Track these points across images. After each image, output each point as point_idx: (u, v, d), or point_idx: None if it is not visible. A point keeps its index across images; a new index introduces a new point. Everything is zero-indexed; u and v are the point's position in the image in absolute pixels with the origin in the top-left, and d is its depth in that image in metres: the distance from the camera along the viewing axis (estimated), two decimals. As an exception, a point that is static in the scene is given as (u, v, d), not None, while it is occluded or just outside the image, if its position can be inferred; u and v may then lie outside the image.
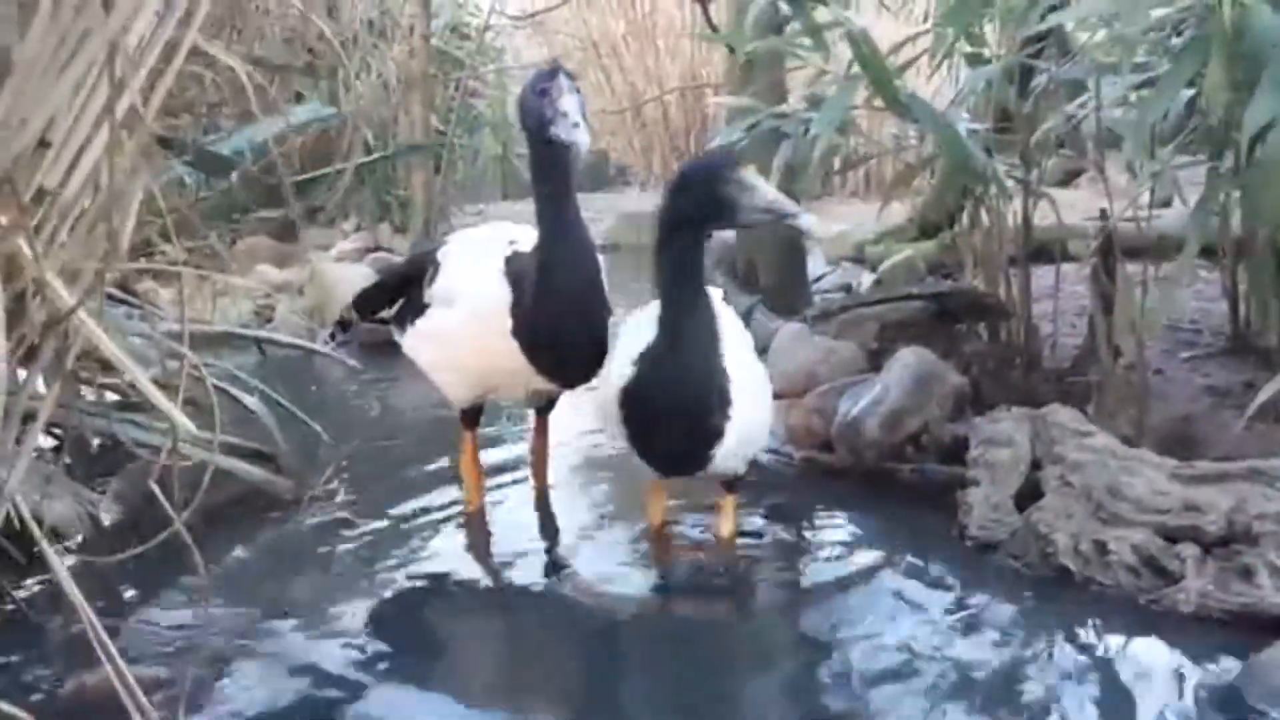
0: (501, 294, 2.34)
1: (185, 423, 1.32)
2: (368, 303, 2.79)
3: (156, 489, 1.58)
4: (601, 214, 8.18)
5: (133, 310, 3.08)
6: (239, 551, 2.46)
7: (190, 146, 2.72)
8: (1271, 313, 2.65)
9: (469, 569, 2.39)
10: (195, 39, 1.33)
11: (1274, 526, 2.02)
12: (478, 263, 2.43)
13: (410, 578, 2.32)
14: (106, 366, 2.31)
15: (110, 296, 2.08)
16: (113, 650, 1.41)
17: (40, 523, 1.70)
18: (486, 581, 2.35)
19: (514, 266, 2.38)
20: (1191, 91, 2.51)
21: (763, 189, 2.00)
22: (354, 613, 2.17)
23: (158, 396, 1.31)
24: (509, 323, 2.33)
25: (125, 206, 1.29)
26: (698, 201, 2.02)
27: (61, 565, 1.45)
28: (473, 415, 2.63)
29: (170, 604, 2.20)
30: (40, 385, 1.55)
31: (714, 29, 4.44)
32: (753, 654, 2.05)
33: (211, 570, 1.98)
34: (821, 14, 2.93)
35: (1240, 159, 2.21)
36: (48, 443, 2.57)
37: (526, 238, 2.43)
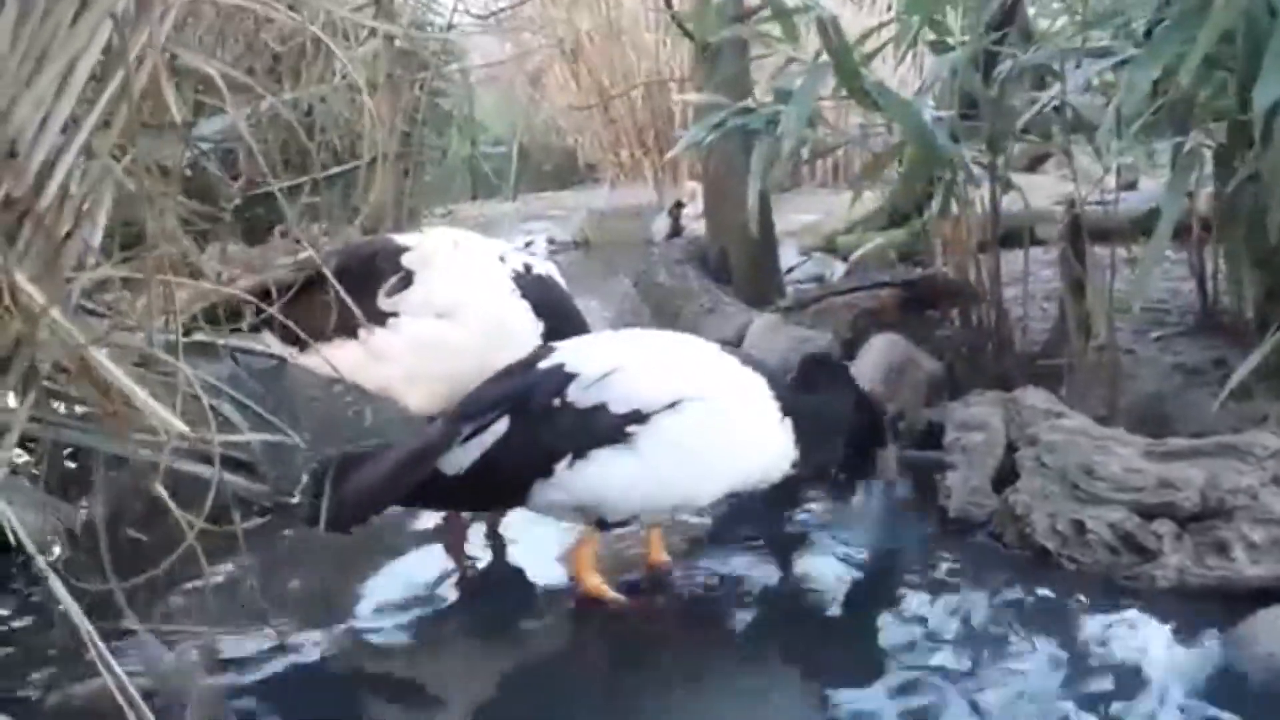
0: (524, 315, 2.40)
1: (180, 426, 1.32)
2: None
3: (165, 493, 1.55)
4: (571, 211, 8.16)
5: (101, 320, 3.04)
6: (217, 561, 2.44)
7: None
8: (1246, 288, 2.68)
9: (447, 569, 2.39)
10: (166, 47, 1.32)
11: (1247, 500, 2.05)
12: (480, 277, 2.44)
13: (389, 584, 2.31)
14: (77, 377, 2.28)
15: (80, 307, 2.06)
16: (111, 661, 1.39)
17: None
18: (467, 582, 2.34)
19: (532, 288, 2.43)
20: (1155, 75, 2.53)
21: None
22: (333, 620, 2.16)
23: (149, 402, 1.30)
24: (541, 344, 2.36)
25: (95, 215, 1.29)
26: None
27: (55, 577, 1.43)
28: None
29: (151, 615, 2.18)
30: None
31: (672, 12, 4.46)
32: (737, 638, 2.07)
33: (207, 580, 1.95)
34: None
35: (1254, 136, 2.22)
36: (19, 455, 2.54)
37: (498, 248, 2.52)
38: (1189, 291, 3.20)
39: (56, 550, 2.37)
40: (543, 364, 2.06)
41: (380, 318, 2.43)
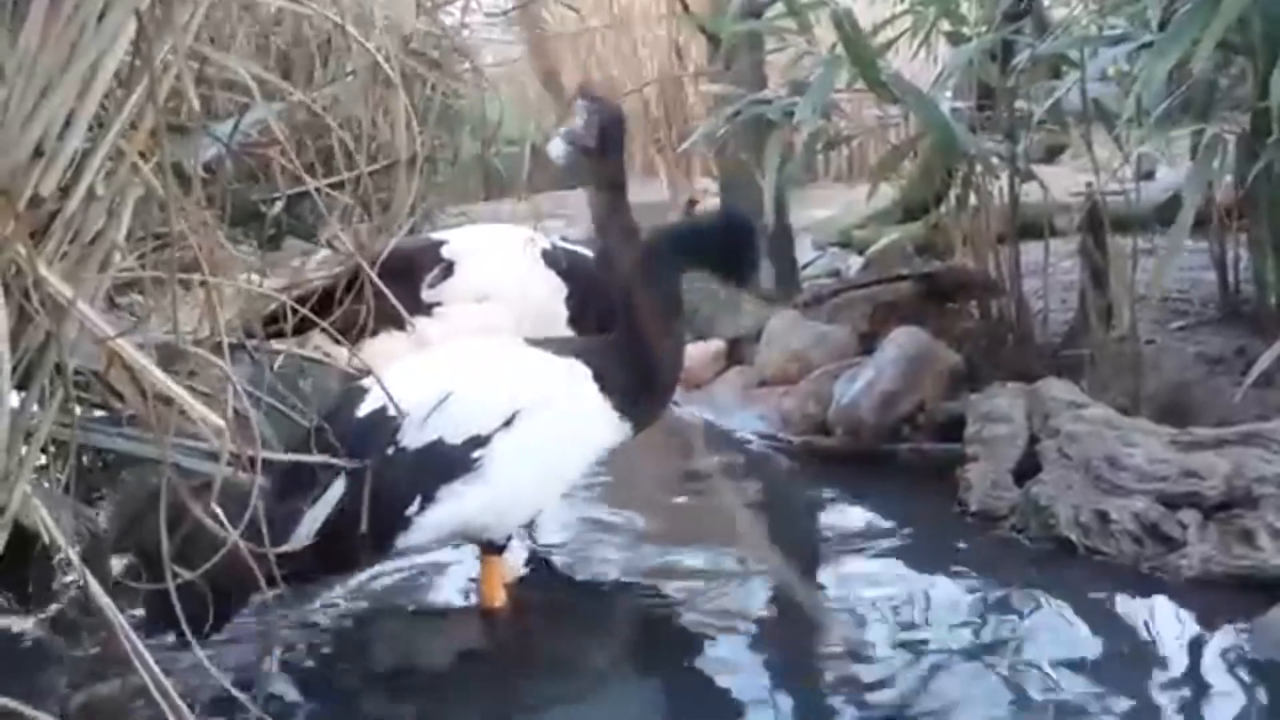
0: (555, 285, 2.51)
1: (219, 421, 1.32)
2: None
3: (208, 515, 1.53)
4: (584, 209, 8.16)
5: (119, 323, 3.04)
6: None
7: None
8: (1270, 276, 2.67)
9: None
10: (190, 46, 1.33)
11: (1273, 489, 2.04)
12: (513, 259, 2.54)
13: (421, 593, 2.30)
14: (95, 381, 2.28)
15: (112, 305, 2.07)
16: (149, 659, 1.40)
17: (36, 536, 1.67)
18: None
19: (560, 262, 2.55)
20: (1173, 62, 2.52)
21: None
22: (357, 627, 2.15)
23: (198, 408, 1.31)
24: (564, 312, 2.49)
25: (121, 216, 1.30)
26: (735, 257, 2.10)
27: (92, 578, 1.44)
28: None
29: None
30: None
31: (686, 9, 4.47)
32: (760, 631, 2.06)
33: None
34: (803, -6, 2.95)
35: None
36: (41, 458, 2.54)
37: (525, 236, 2.60)
38: (1210, 281, 3.18)
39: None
40: (360, 411, 1.94)
41: (425, 309, 2.49)
